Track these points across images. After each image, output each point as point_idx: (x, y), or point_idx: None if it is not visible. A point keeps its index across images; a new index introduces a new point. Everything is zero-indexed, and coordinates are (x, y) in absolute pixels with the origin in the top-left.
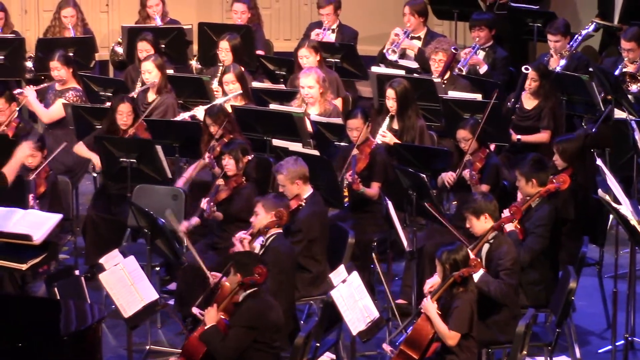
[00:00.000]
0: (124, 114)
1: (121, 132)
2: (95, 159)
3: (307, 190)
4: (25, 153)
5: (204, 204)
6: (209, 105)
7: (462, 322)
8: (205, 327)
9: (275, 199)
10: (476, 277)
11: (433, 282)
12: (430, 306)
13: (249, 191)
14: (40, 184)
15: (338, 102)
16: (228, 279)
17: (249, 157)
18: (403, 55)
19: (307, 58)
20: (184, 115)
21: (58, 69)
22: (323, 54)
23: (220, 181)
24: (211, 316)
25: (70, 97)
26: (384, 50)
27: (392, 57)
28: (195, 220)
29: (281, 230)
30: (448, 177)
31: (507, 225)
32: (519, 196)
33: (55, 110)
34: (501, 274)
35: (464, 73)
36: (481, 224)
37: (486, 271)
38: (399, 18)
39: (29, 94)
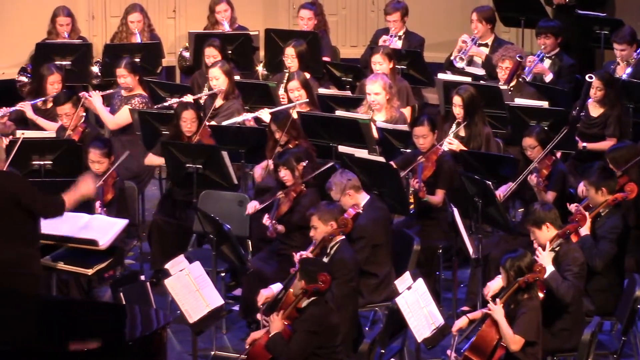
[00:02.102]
0: (187, 121)
1: (186, 139)
2: None
3: (362, 198)
4: (89, 191)
5: (265, 220)
6: (274, 110)
7: (528, 328)
8: (270, 335)
9: (328, 206)
10: (546, 274)
11: (493, 286)
12: (498, 309)
13: (309, 198)
14: (108, 190)
15: (407, 111)
16: (293, 285)
17: (304, 164)
18: (470, 62)
19: (381, 65)
20: (248, 116)
21: (124, 77)
22: None
23: (280, 194)
24: (276, 324)
25: (136, 104)
26: (452, 58)
27: (460, 64)
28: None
29: (344, 237)
30: (499, 192)
31: (582, 230)
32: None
33: (121, 117)
34: (569, 277)
35: (528, 80)
36: (544, 234)
37: (556, 270)
38: (465, 25)
39: (95, 99)
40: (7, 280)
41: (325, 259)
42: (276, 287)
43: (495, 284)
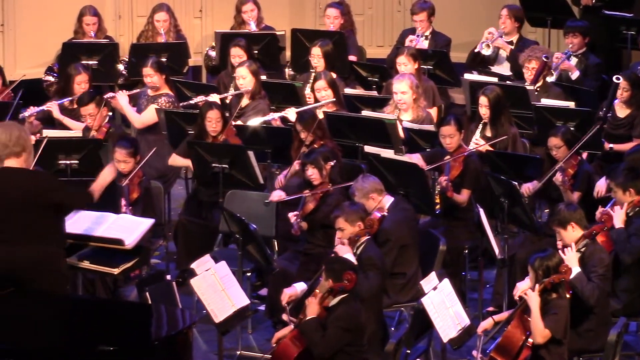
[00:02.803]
0: (212, 121)
1: (211, 138)
2: (191, 165)
3: (386, 200)
4: (109, 177)
5: (291, 216)
6: (300, 109)
7: (557, 327)
8: (307, 318)
9: (352, 207)
10: (571, 275)
11: (522, 286)
12: (534, 297)
13: (335, 198)
14: (133, 189)
15: (433, 111)
16: (319, 285)
17: (332, 163)
18: (495, 58)
19: (406, 65)
20: (274, 116)
21: (151, 76)
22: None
23: (306, 192)
24: (313, 309)
25: (162, 103)
26: (476, 48)
27: (485, 51)
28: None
29: (370, 237)
30: (525, 187)
31: (616, 222)
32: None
33: (147, 116)
34: (594, 279)
35: (554, 77)
36: (570, 234)
37: (582, 271)
38: (491, 25)
39: (121, 99)
40: (34, 279)
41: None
42: (299, 286)
43: (524, 284)
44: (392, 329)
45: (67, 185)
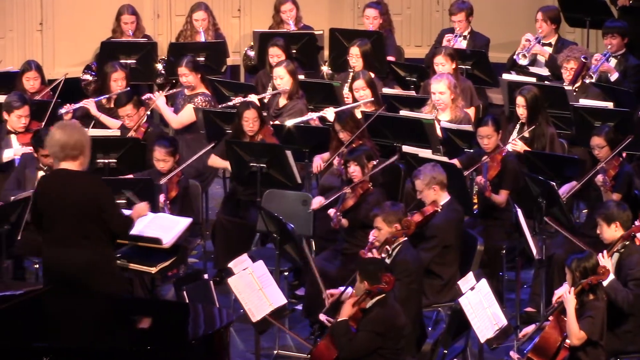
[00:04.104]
0: (249, 121)
1: (248, 138)
2: (229, 167)
3: (444, 197)
4: (144, 212)
5: (331, 211)
6: (338, 109)
7: (593, 329)
8: (338, 320)
9: (393, 207)
10: (605, 282)
11: (560, 292)
12: (570, 299)
13: (375, 197)
14: (172, 188)
15: (471, 111)
16: (355, 287)
17: (374, 162)
18: (534, 61)
19: (443, 65)
20: (313, 116)
21: (186, 75)
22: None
23: (346, 189)
24: (346, 310)
25: (198, 103)
26: (514, 55)
27: (523, 61)
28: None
29: (407, 239)
30: (562, 191)
31: None
32: None
33: (184, 116)
34: (630, 284)
35: (594, 79)
36: (611, 232)
37: (616, 278)
38: (530, 25)
39: (158, 100)
40: (88, 280)
41: (387, 260)
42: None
43: (562, 290)
44: (430, 328)
45: (115, 204)
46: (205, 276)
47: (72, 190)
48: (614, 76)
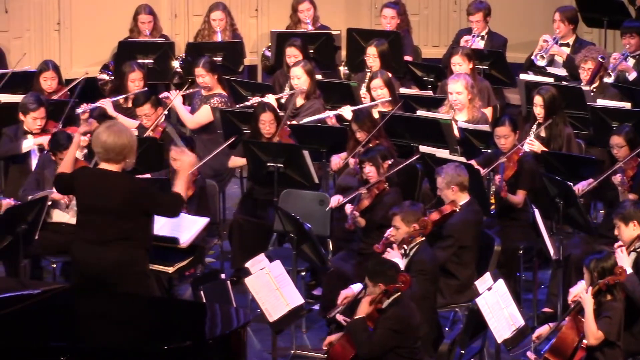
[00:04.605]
0: (266, 123)
1: (264, 140)
2: None
3: (463, 198)
4: (188, 166)
5: (347, 209)
6: (355, 108)
7: (611, 328)
8: (355, 317)
9: (412, 207)
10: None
11: (575, 291)
12: (588, 298)
13: (392, 197)
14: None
15: (488, 111)
16: (368, 291)
17: (389, 162)
18: (551, 62)
19: (460, 65)
20: (330, 113)
21: (203, 76)
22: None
23: (362, 189)
24: (363, 308)
25: (214, 103)
26: (532, 56)
27: (541, 62)
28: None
29: (424, 239)
30: (578, 186)
31: None
32: None
33: (201, 116)
34: None
35: (612, 78)
36: (629, 231)
37: (634, 273)
38: (548, 25)
39: (175, 99)
40: (119, 280)
41: (404, 260)
42: (357, 287)
43: (578, 288)
44: (447, 329)
45: (158, 194)
46: (223, 276)
47: (107, 191)
48: (632, 75)
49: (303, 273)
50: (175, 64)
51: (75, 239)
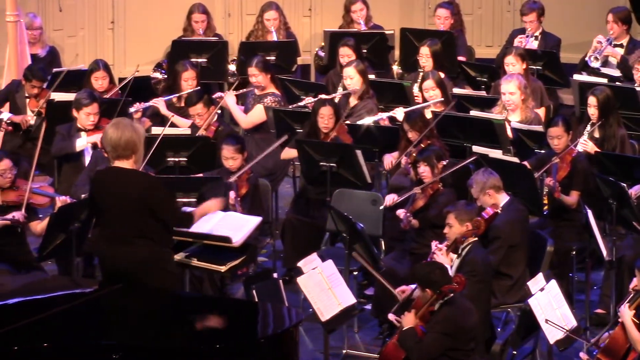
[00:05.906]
0: (325, 117)
1: (322, 135)
2: None
3: (502, 199)
4: (214, 208)
5: (400, 213)
6: (408, 109)
7: None
8: (403, 329)
9: (467, 206)
10: None
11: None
12: (625, 312)
13: (446, 197)
14: (242, 185)
15: (541, 111)
16: (417, 297)
17: (444, 163)
18: (605, 62)
19: (514, 66)
20: (382, 116)
21: (256, 75)
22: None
23: (416, 189)
24: (408, 320)
25: (267, 103)
26: (586, 58)
27: (594, 64)
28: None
29: (477, 239)
30: (631, 191)
31: None
32: None
33: (254, 116)
34: None
35: None
36: None
37: None
38: (602, 26)
39: (229, 99)
40: (144, 277)
41: (456, 260)
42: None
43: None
44: (499, 329)
45: (171, 203)
46: (275, 275)
47: (125, 188)
48: None
49: (355, 273)
50: (232, 67)
51: (100, 238)
